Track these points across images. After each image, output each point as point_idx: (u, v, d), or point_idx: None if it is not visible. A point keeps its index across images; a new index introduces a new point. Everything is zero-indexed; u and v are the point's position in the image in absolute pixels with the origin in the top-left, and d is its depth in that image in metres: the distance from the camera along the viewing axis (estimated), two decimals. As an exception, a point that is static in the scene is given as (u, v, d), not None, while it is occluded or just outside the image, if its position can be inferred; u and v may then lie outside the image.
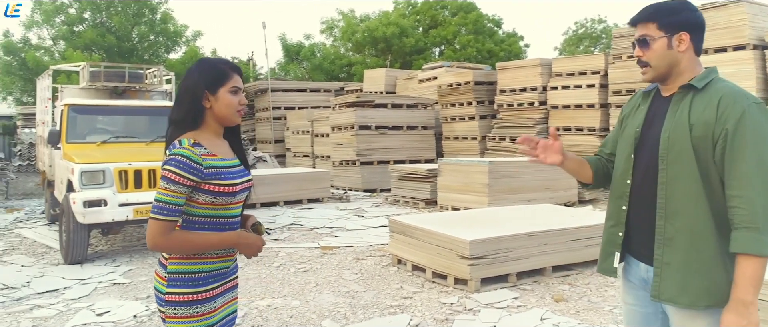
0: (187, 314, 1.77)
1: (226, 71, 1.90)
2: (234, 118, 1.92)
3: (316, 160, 14.77)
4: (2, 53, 15.66)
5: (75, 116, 6.69)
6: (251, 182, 1.98)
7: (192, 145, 1.78)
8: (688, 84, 1.76)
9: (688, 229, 1.70)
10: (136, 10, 16.59)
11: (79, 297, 4.85)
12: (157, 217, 1.72)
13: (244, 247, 1.88)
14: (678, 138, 1.71)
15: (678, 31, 1.75)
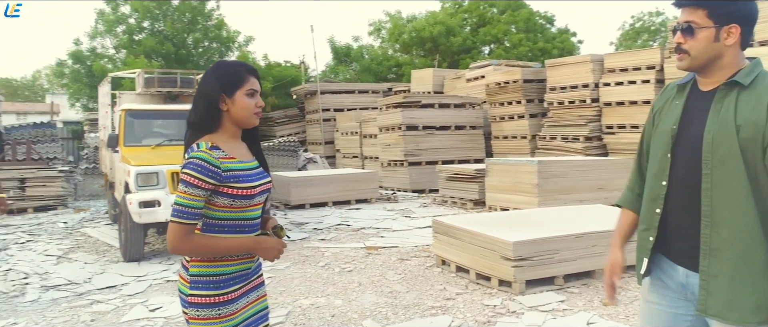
0: (209, 316, 1.80)
1: (243, 74, 1.91)
2: (251, 121, 1.93)
3: (365, 160, 14.88)
4: (71, 62, 16.62)
5: (132, 121, 7.01)
6: (270, 184, 2.00)
7: (210, 148, 1.80)
8: (733, 80, 1.61)
9: (737, 240, 1.57)
10: (191, 18, 17.21)
11: (134, 293, 5.08)
12: (177, 221, 1.75)
13: (262, 251, 1.89)
14: (723, 140, 1.57)
15: (729, 22, 1.60)
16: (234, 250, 1.84)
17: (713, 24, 1.61)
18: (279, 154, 14.49)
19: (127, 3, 17.01)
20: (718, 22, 1.60)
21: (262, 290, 2.04)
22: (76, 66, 16.63)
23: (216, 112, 1.88)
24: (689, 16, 1.64)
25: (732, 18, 1.60)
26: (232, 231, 1.85)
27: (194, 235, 1.79)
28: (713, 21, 1.61)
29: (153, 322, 4.29)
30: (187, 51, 17.25)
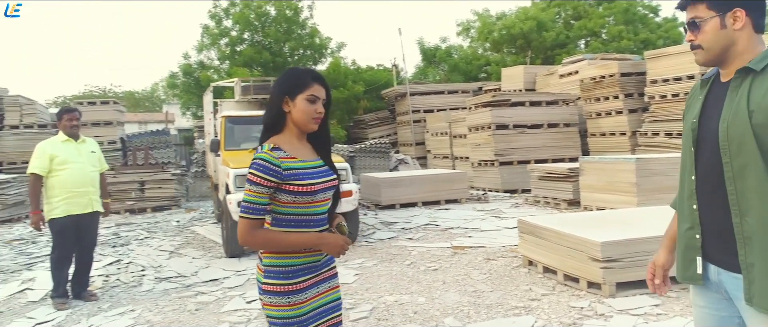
0: (280, 303, 1.94)
1: (307, 79, 2.02)
2: (309, 125, 2.03)
3: (455, 161, 14.85)
4: (182, 74, 18.10)
5: (231, 126, 7.54)
6: (335, 181, 2.09)
7: (271, 149, 1.93)
8: (746, 67, 1.59)
9: (763, 227, 1.54)
10: (286, 28, 18.08)
11: (234, 286, 5.47)
12: (244, 216, 1.90)
13: (325, 247, 1.98)
14: (738, 128, 1.55)
15: (731, 7, 1.60)
16: (297, 245, 1.96)
17: (716, 13, 1.62)
18: (370, 156, 14.82)
19: (230, 17, 18.19)
20: (719, 9, 1.62)
21: (334, 282, 2.15)
22: (186, 78, 18.05)
23: (280, 114, 2.02)
24: (693, 13, 1.66)
25: (733, 3, 1.60)
26: (297, 225, 1.98)
27: (260, 230, 1.94)
28: (715, 10, 1.62)
29: (249, 313, 4.61)
30: (284, 59, 18.13)
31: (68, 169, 4.87)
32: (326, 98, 2.08)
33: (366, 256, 6.52)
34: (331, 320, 2.11)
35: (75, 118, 5.08)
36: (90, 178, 5.02)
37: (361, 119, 18.69)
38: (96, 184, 5.11)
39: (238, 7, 18.06)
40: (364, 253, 6.66)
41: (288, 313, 1.95)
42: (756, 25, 1.62)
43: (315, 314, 2.03)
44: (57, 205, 4.83)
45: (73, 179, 4.87)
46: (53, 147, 4.93)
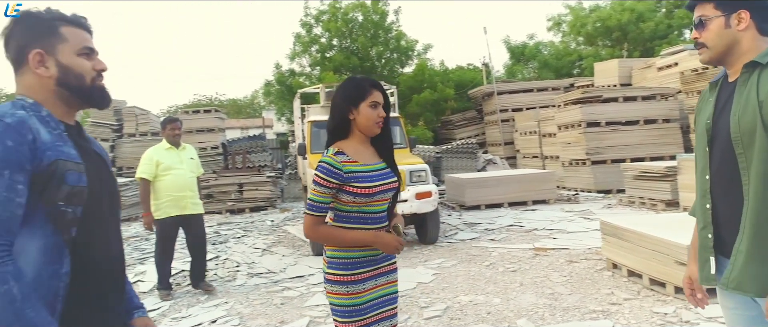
0: (340, 291, 2.12)
1: (367, 87, 2.18)
2: (373, 129, 2.19)
3: (545, 160, 14.44)
4: (276, 82, 19.08)
5: (317, 131, 7.89)
6: (395, 183, 2.23)
7: (334, 154, 2.12)
8: (753, 61, 1.63)
9: (756, 215, 1.60)
10: (373, 33, 18.49)
11: (317, 283, 5.76)
12: (308, 213, 2.12)
13: (379, 245, 2.13)
14: (748, 119, 1.59)
15: (736, 8, 1.66)
16: (353, 241, 2.13)
17: (722, 13, 1.68)
18: (457, 157, 14.78)
19: (320, 24, 18.92)
20: (725, 10, 1.68)
21: (393, 276, 2.29)
22: (279, 85, 19.01)
23: (345, 121, 2.20)
24: (700, 12, 1.72)
25: (738, 4, 1.66)
26: (357, 222, 2.15)
27: (322, 226, 2.14)
28: (721, 10, 1.68)
29: (328, 308, 4.84)
30: (371, 63, 18.55)
31: (170, 175, 5.28)
32: (385, 103, 2.23)
33: (446, 256, 6.58)
34: (387, 312, 2.26)
35: (177, 127, 5.49)
36: (189, 183, 5.40)
37: (449, 120, 18.66)
38: (194, 188, 5.48)
39: (328, 15, 18.72)
40: (444, 254, 6.72)
41: (346, 301, 2.13)
42: (760, 27, 1.67)
43: (372, 304, 2.18)
44: (159, 207, 5.28)
45: (174, 184, 5.28)
46: (158, 154, 5.36)
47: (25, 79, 1.45)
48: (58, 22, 1.47)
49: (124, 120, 14.08)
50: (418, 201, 6.88)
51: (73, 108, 1.51)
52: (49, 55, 1.45)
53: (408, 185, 6.99)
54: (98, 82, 1.52)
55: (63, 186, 1.35)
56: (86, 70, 1.49)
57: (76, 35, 1.49)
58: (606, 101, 11.93)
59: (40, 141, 1.34)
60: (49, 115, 1.43)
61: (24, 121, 1.34)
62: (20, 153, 1.28)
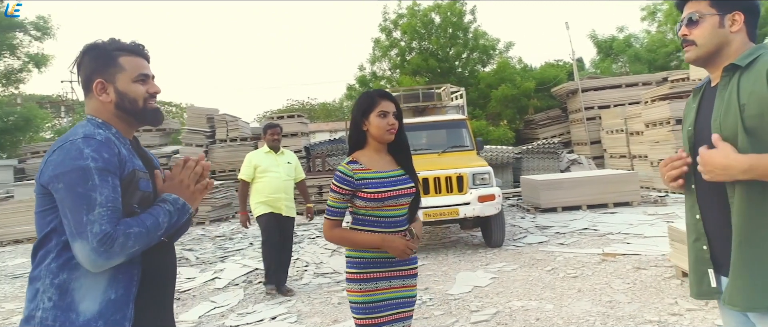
0: (354, 289, 2.29)
1: (374, 98, 2.34)
2: (386, 137, 2.33)
3: (633, 160, 13.68)
4: (358, 86, 19.57)
5: (384, 134, 8.07)
6: (412, 189, 2.35)
7: (348, 163, 2.30)
8: (732, 64, 1.60)
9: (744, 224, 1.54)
10: (452, 33, 18.43)
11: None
12: (327, 217, 2.31)
13: (387, 248, 2.26)
14: (730, 123, 1.54)
15: (732, 9, 1.63)
16: (364, 243, 2.29)
17: (717, 11, 1.64)
18: (539, 157, 14.38)
19: (399, 28, 19.16)
20: (721, 9, 1.64)
21: (410, 281, 2.41)
22: (361, 89, 19.47)
23: (360, 133, 2.36)
24: (693, 8, 1.68)
25: (735, 5, 1.63)
26: (371, 225, 2.30)
27: (337, 228, 2.32)
28: (717, 9, 1.64)
29: (381, 309, 4.98)
30: (450, 64, 18.49)
31: (266, 178, 5.54)
32: (397, 111, 2.37)
33: (508, 260, 6.48)
34: (401, 313, 2.36)
35: (276, 132, 5.73)
36: (283, 186, 5.60)
37: (532, 119, 18.16)
38: (288, 191, 5.67)
39: (406, 18, 18.91)
40: (507, 257, 6.63)
41: (360, 298, 2.29)
42: (750, 33, 1.66)
43: (386, 304, 2.31)
44: (256, 206, 5.58)
45: (269, 187, 5.53)
46: (257, 157, 5.67)
47: (91, 103, 1.70)
48: (117, 53, 1.70)
49: (216, 126, 15.09)
50: (481, 204, 6.84)
51: (132, 126, 1.75)
52: (109, 83, 1.68)
53: (471, 188, 6.96)
54: (150, 104, 1.74)
55: (137, 192, 1.61)
56: (140, 94, 1.71)
57: (133, 63, 1.72)
58: (698, 96, 11.09)
59: (122, 154, 1.61)
60: (117, 133, 1.68)
61: (110, 137, 1.61)
62: (114, 163, 1.55)
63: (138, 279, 1.59)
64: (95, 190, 1.48)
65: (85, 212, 1.47)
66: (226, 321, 5.03)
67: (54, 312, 1.49)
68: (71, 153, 1.51)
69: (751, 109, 1.51)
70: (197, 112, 15.76)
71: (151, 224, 1.56)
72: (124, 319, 1.53)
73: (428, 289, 5.52)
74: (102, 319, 1.51)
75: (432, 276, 6.07)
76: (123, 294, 1.54)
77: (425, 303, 5.05)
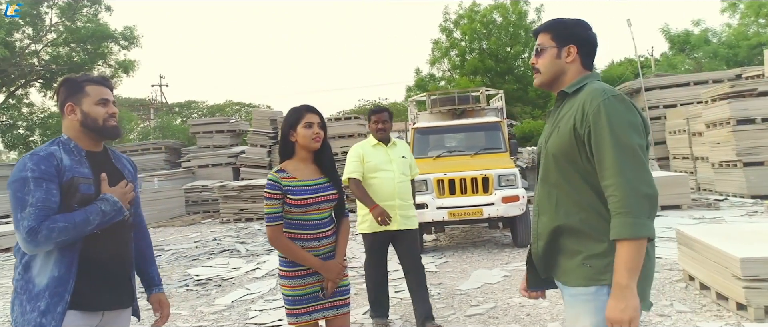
0: (285, 284, 2.62)
1: (301, 111, 2.64)
2: (312, 145, 2.62)
3: (696, 161, 13.11)
4: (416, 87, 19.92)
5: (419, 136, 8.39)
6: (332, 195, 2.63)
7: (276, 171, 2.61)
8: (562, 90, 1.87)
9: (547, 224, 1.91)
10: (512, 33, 18.34)
11: (396, 278, 6.27)
12: (267, 224, 2.59)
13: (324, 272, 2.54)
14: (553, 142, 1.83)
15: (567, 43, 1.87)
16: (305, 261, 2.56)
17: (556, 44, 1.89)
18: (596, 158, 14.09)
19: (458, 29, 19.31)
20: (559, 43, 1.89)
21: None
22: (419, 90, 19.80)
23: (288, 143, 2.68)
24: (540, 40, 1.94)
25: (569, 40, 1.88)
26: (298, 227, 2.58)
27: (284, 239, 2.56)
28: (556, 42, 1.89)
29: (391, 301, 5.33)
30: (508, 64, 18.41)
31: (377, 179, 4.25)
32: (321, 122, 2.67)
33: (529, 259, 6.62)
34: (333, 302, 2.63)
35: (381, 119, 4.37)
36: (398, 189, 4.25)
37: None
38: (405, 195, 4.32)
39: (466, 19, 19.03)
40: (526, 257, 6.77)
41: (289, 292, 2.60)
42: (585, 62, 1.89)
43: (312, 295, 2.59)
44: (364, 219, 4.28)
45: (382, 191, 4.21)
46: (364, 150, 4.35)
47: (65, 122, 2.15)
48: (85, 83, 2.14)
49: (278, 128, 16.00)
50: (505, 205, 7.02)
51: (95, 140, 2.19)
52: (77, 106, 2.12)
53: (496, 189, 7.16)
54: (109, 123, 2.16)
55: (77, 194, 2.05)
56: (100, 114, 2.13)
57: (96, 91, 2.14)
58: (762, 95, 10.52)
59: (63, 165, 2.03)
60: (75, 146, 2.11)
61: (52, 153, 2.03)
62: (50, 173, 1.98)
63: (77, 261, 2.03)
64: (29, 194, 1.93)
65: (19, 210, 1.92)
66: (253, 306, 5.59)
67: (21, 283, 2.02)
68: (19, 166, 1.99)
69: (562, 135, 1.79)
70: (262, 114, 16.76)
71: (79, 220, 1.96)
72: (65, 292, 1.99)
73: (441, 285, 5.82)
74: (48, 290, 1.97)
75: (450, 272, 6.36)
76: (65, 272, 2.00)
77: (433, 296, 5.35)
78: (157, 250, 9.49)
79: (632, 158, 1.64)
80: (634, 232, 1.60)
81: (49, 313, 1.95)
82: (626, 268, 1.62)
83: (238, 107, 37.20)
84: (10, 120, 20.91)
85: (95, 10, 20.24)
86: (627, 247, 1.62)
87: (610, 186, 1.65)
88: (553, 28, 1.91)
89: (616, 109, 1.68)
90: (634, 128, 1.68)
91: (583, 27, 1.90)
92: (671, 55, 21.33)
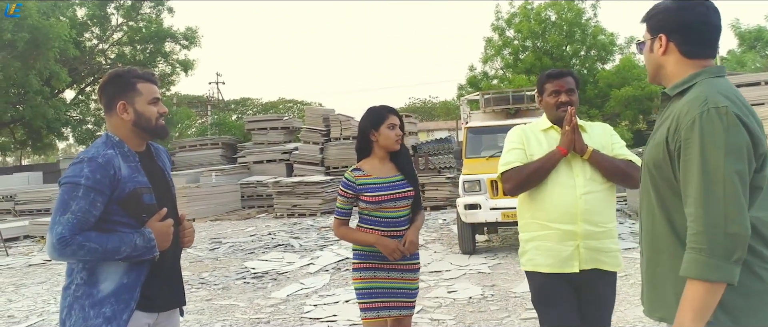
0: (356, 276, 2.75)
1: (384, 113, 2.72)
2: (393, 146, 2.71)
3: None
4: (468, 86, 19.74)
5: (472, 136, 8.33)
6: (408, 192, 2.71)
7: (352, 170, 2.73)
8: (663, 92, 1.68)
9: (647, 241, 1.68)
10: (568, 31, 17.89)
11: (449, 278, 6.28)
12: (336, 217, 2.76)
13: (379, 247, 2.63)
14: (651, 149, 1.64)
15: (657, 33, 1.64)
16: (361, 241, 2.70)
17: (650, 36, 1.68)
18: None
19: (512, 27, 19.00)
20: (651, 33, 1.68)
21: (409, 275, 2.75)
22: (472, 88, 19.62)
23: (367, 142, 2.76)
24: (642, 34, 1.75)
25: (658, 28, 1.64)
26: (373, 223, 2.71)
27: (343, 227, 2.76)
28: (650, 33, 1.69)
29: (442, 300, 5.36)
30: (565, 62, 17.98)
31: (547, 187, 2.68)
32: (402, 123, 2.76)
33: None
34: (399, 302, 2.72)
35: (565, 85, 2.62)
36: (584, 205, 2.50)
37: (654, 120, 17.04)
38: (596, 216, 2.51)
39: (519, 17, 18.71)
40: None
41: (359, 285, 2.73)
42: (684, 50, 1.61)
43: (382, 291, 2.69)
44: (525, 249, 2.61)
45: (553, 207, 2.64)
46: (527, 134, 2.73)
47: (112, 120, 2.07)
48: (135, 80, 2.08)
49: (331, 125, 16.22)
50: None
51: (144, 139, 2.18)
52: (130, 104, 2.05)
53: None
54: (160, 122, 2.11)
55: (142, 204, 2.01)
56: (153, 114, 2.08)
57: (147, 89, 2.08)
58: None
59: (121, 175, 1.96)
60: (129, 151, 2.04)
61: (110, 160, 1.95)
62: (104, 184, 1.91)
63: (146, 273, 2.01)
64: (74, 201, 1.86)
65: (59, 213, 1.86)
66: (308, 300, 5.72)
67: (84, 288, 1.96)
68: (75, 170, 1.92)
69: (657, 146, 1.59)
70: (314, 112, 17.05)
71: (111, 248, 1.89)
72: (131, 299, 1.97)
73: (494, 286, 5.77)
74: (114, 296, 1.95)
75: (503, 274, 6.30)
76: (134, 280, 1.99)
77: (486, 298, 5.33)
78: (215, 243, 9.84)
79: (722, 187, 1.40)
80: (704, 274, 1.40)
81: (114, 320, 1.94)
82: (692, 308, 1.42)
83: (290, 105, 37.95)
84: (80, 116, 22.12)
85: (158, 10, 21.12)
86: (697, 286, 1.42)
87: (690, 216, 1.45)
88: (646, 17, 1.69)
89: (713, 127, 1.43)
90: (733, 151, 1.42)
91: (675, 9, 1.61)
92: (740, 53, 20.25)
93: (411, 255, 2.73)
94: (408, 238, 2.68)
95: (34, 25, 15.28)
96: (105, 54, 21.92)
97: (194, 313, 5.41)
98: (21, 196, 16.15)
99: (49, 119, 18.54)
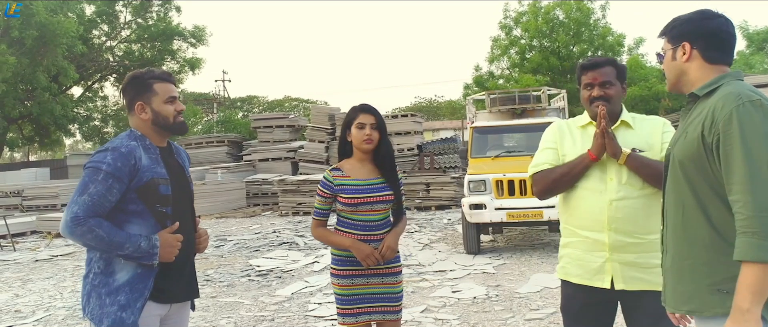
0: (334, 282, 2.66)
1: (354, 112, 2.64)
2: (363, 146, 2.59)
3: None
4: (474, 85, 19.70)
5: (478, 136, 8.30)
6: (387, 196, 2.61)
7: (331, 169, 2.65)
8: (692, 93, 1.73)
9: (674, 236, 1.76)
10: (576, 30, 17.83)
11: (454, 277, 6.27)
12: (313, 217, 2.68)
13: (354, 252, 2.54)
14: (679, 148, 1.71)
15: (680, 41, 1.75)
16: (336, 244, 2.61)
17: (671, 46, 1.78)
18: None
19: (519, 26, 18.95)
20: (673, 43, 1.78)
21: (390, 279, 2.63)
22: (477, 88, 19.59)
23: (346, 143, 2.70)
24: (660, 45, 1.85)
25: (681, 37, 1.75)
26: (349, 226, 2.60)
27: (320, 228, 2.67)
28: (671, 43, 1.79)
29: (447, 300, 5.35)
30: (572, 62, 17.93)
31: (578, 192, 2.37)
32: (376, 123, 2.60)
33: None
34: (381, 307, 2.61)
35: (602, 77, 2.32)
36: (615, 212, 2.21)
37: (662, 121, 16.96)
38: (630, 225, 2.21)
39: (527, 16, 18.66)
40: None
41: (337, 290, 2.64)
42: (706, 56, 1.72)
43: (361, 297, 2.60)
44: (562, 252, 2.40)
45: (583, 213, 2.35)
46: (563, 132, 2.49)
47: (134, 119, 2.22)
48: (152, 81, 2.19)
49: (337, 124, 16.23)
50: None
51: (164, 136, 2.28)
52: (147, 105, 2.18)
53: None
54: (178, 120, 2.23)
55: (158, 195, 2.11)
56: (170, 112, 2.20)
57: (164, 88, 2.19)
58: None
59: (141, 165, 2.08)
60: (150, 144, 2.17)
61: (132, 150, 2.08)
62: (124, 172, 2.03)
63: (160, 265, 2.11)
64: (93, 184, 2.00)
65: (78, 194, 1.99)
66: (312, 298, 5.73)
67: (101, 277, 2.08)
68: (99, 156, 2.05)
69: (690, 141, 1.66)
70: (320, 111, 17.07)
71: (117, 241, 1.99)
72: (145, 288, 2.07)
73: (499, 286, 5.76)
74: (129, 285, 2.05)
75: (508, 274, 6.29)
76: (148, 271, 2.08)
77: (490, 298, 5.33)
78: (220, 241, 9.87)
79: (766, 173, 1.49)
80: (761, 255, 1.46)
81: (128, 308, 2.03)
82: (750, 291, 1.48)
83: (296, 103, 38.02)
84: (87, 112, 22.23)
85: (166, 9, 21.20)
86: (753, 269, 1.48)
87: (737, 202, 1.52)
88: (667, 29, 1.80)
89: (751, 118, 1.53)
90: None
91: (697, 20, 1.74)
92: (749, 54, 20.12)
93: (394, 258, 2.63)
94: (386, 242, 2.57)
95: (42, 22, 15.42)
96: (113, 51, 22.02)
97: (199, 310, 5.43)
98: (28, 191, 16.26)
99: (56, 116, 18.65)
